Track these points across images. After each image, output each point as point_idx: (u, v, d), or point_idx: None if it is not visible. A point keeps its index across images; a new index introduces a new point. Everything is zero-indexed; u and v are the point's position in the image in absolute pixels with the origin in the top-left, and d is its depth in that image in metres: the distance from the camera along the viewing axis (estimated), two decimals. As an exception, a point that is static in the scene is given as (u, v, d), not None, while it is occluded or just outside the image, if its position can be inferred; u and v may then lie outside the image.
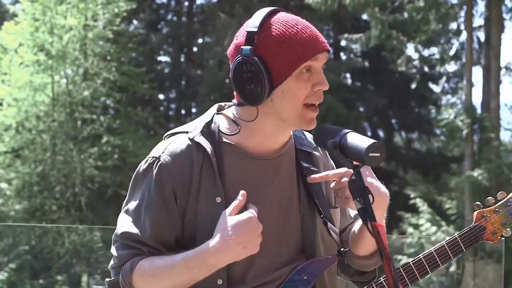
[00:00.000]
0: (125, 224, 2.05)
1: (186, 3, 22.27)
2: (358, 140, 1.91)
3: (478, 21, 19.88)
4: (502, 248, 8.32)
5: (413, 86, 19.37)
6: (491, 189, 13.89)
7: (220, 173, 2.02)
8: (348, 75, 21.37)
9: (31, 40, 15.19)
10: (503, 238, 2.55)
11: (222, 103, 2.18)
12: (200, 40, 21.98)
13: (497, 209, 2.52)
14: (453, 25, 17.13)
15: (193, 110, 21.39)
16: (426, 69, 20.44)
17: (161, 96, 21.64)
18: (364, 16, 19.04)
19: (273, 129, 2.05)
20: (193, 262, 1.94)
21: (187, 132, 2.07)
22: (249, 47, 1.99)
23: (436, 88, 21.80)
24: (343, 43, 19.99)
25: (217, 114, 2.13)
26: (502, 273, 9.37)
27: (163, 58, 22.48)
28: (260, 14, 2.03)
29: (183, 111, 21.82)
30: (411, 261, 2.40)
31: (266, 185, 2.07)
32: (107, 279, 2.09)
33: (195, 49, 21.84)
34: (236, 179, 2.04)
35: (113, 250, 2.07)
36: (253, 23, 2.01)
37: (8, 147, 15.40)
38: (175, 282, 1.98)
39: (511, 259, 11.62)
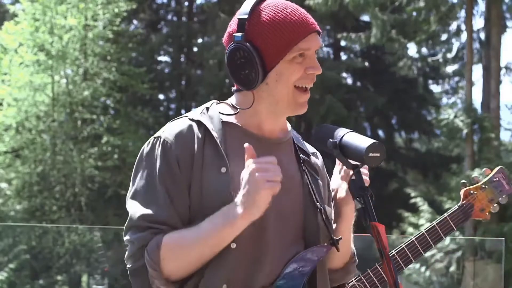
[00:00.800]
0: (137, 209, 2.02)
1: (186, 3, 22.27)
2: (358, 140, 1.92)
3: (479, 21, 19.91)
4: (502, 248, 8.33)
5: (414, 86, 19.38)
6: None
7: (222, 146, 2.04)
8: (348, 75, 21.38)
9: (31, 40, 15.19)
10: (503, 238, 2.57)
11: (219, 101, 2.21)
12: (200, 40, 21.98)
13: (483, 186, 2.56)
14: (454, 25, 17.15)
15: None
16: (426, 69, 20.45)
17: (161, 96, 21.65)
18: (365, 17, 19.04)
19: (268, 113, 2.09)
20: (219, 219, 1.94)
21: (187, 116, 2.11)
22: (241, 33, 2.04)
23: (436, 88, 21.84)
24: (343, 43, 19.99)
25: (216, 104, 2.17)
26: (502, 273, 9.37)
27: (163, 58, 22.51)
28: (250, 1, 2.07)
29: (183, 111, 21.80)
30: (404, 244, 2.42)
31: None
32: (128, 266, 2.02)
33: (195, 49, 21.84)
34: (239, 154, 2.03)
35: (127, 238, 2.02)
36: (243, 10, 2.06)
37: (8, 147, 15.41)
38: (204, 247, 1.96)
39: (511, 259, 11.63)
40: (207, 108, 2.13)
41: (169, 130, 2.07)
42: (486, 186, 2.56)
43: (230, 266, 1.99)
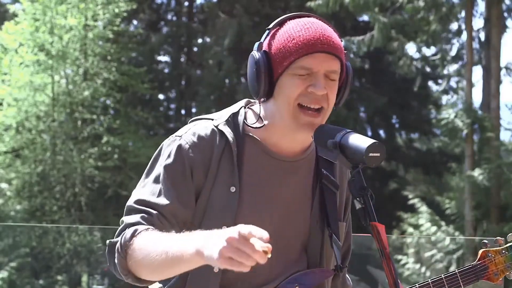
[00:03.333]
0: (137, 194, 2.01)
1: (186, 3, 22.26)
2: (358, 140, 1.91)
3: (479, 21, 19.90)
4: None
5: (414, 86, 19.37)
6: (491, 189, 13.89)
7: (238, 163, 2.02)
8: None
9: (31, 40, 15.18)
10: (503, 238, 2.53)
11: (252, 100, 2.16)
12: (200, 40, 21.97)
13: (504, 251, 2.48)
14: (454, 25, 17.14)
15: (193, 110, 21.37)
16: (426, 69, 20.44)
17: (161, 96, 21.63)
18: (365, 17, 19.03)
19: (281, 130, 2.04)
20: (184, 238, 1.78)
21: (212, 120, 2.08)
22: (258, 42, 2.03)
23: (436, 88, 21.82)
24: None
25: (245, 107, 2.12)
26: (502, 273, 9.36)
27: (163, 58, 22.48)
28: (285, 16, 2.06)
29: (183, 111, 21.81)
30: None
31: (279, 185, 2.06)
32: (109, 240, 1.99)
33: (195, 49, 21.83)
34: (252, 173, 2.03)
35: (122, 219, 2.00)
36: (274, 23, 2.05)
37: (8, 147, 15.40)
38: (166, 267, 1.83)
39: (511, 259, 11.60)
40: (234, 115, 2.08)
41: (191, 134, 2.04)
42: (506, 252, 2.47)
43: (228, 276, 2.00)
